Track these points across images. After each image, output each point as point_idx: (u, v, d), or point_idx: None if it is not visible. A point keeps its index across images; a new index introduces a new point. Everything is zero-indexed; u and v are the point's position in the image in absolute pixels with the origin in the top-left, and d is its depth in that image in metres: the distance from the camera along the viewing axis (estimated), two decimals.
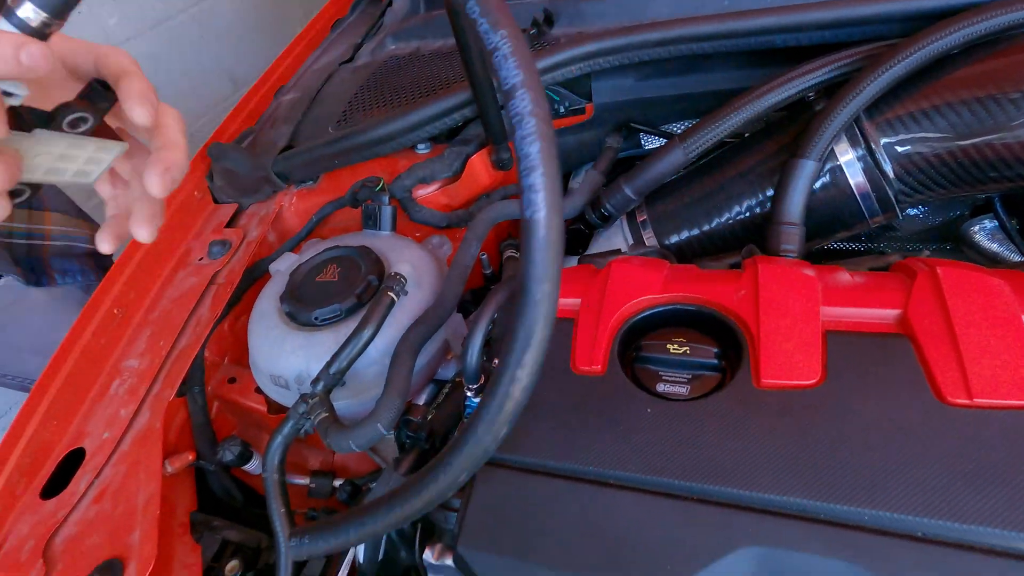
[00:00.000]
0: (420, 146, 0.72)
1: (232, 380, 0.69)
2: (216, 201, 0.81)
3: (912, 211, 0.75)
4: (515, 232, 0.82)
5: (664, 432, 0.39)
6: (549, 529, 0.38)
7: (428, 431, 0.50)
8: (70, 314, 1.02)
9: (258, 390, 0.67)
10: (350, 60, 0.91)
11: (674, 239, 0.64)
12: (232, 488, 0.64)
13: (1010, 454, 0.32)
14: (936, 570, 0.30)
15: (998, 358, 0.35)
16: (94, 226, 1.13)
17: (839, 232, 0.59)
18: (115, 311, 0.68)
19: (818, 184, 0.56)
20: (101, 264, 1.13)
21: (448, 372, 0.63)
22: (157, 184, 0.39)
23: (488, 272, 0.74)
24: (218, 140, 0.82)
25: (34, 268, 0.99)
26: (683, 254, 0.64)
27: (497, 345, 0.55)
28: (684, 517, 0.35)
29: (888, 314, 0.41)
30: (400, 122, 0.66)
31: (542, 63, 0.65)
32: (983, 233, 0.72)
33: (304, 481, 0.66)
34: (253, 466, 0.61)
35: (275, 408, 0.66)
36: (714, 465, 0.37)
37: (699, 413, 0.39)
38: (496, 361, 0.52)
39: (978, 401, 0.34)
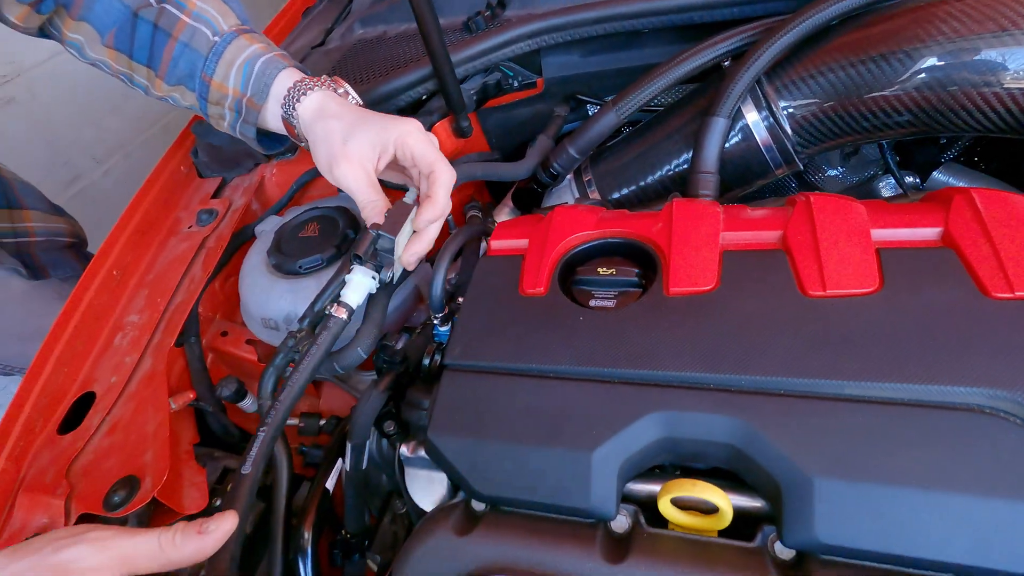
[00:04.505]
0: None
1: (224, 333, 0.76)
2: (201, 175, 0.87)
3: (832, 172, 0.85)
4: (478, 195, 0.90)
5: (592, 334, 0.48)
6: (500, 415, 0.46)
7: (403, 356, 0.58)
8: (48, 302, 1.08)
9: (249, 342, 0.75)
10: (321, 44, 0.98)
11: (615, 195, 0.73)
12: (230, 425, 0.71)
13: (846, 325, 0.42)
14: (788, 414, 0.40)
15: (846, 259, 0.45)
16: (69, 220, 1.17)
17: (754, 181, 0.69)
18: (114, 272, 0.75)
19: (732, 141, 0.65)
20: (82, 255, 1.18)
21: (421, 319, 0.71)
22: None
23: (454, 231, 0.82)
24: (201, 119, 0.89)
25: (27, 264, 1.04)
26: (623, 208, 0.73)
27: (458, 284, 0.64)
28: (606, 395, 0.44)
29: (771, 235, 0.50)
30: (370, 95, 0.74)
31: (496, 40, 0.73)
32: (888, 188, 0.84)
33: (295, 422, 0.74)
34: (248, 403, 0.68)
35: (264, 358, 0.74)
36: (630, 354, 0.46)
37: (620, 318, 0.48)
38: (460, 299, 0.61)
39: (830, 292, 0.44)
